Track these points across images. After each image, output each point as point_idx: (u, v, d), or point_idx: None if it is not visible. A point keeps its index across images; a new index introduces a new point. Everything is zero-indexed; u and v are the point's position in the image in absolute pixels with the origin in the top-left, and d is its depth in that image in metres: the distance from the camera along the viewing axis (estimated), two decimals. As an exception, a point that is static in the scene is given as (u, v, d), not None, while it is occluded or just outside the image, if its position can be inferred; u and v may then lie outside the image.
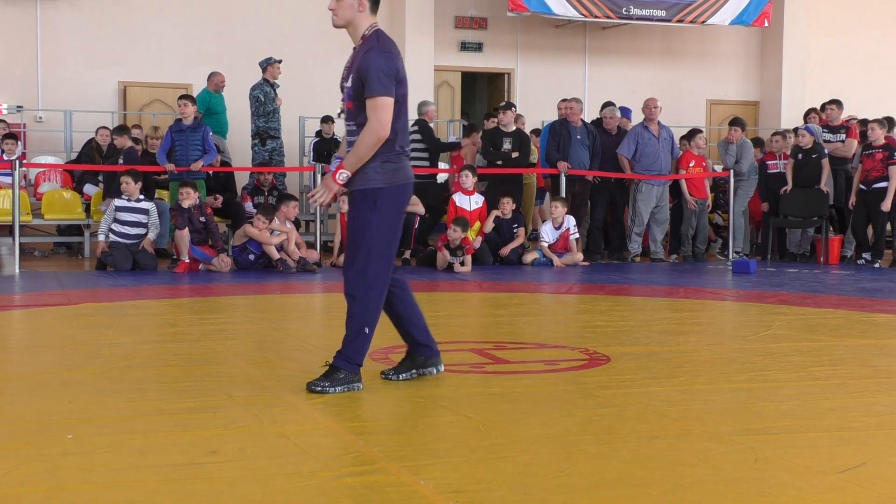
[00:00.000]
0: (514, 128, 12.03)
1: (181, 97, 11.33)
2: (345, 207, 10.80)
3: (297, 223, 11.27)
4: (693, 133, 12.70)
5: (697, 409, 4.10)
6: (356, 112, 4.29)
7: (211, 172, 11.58)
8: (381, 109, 4.21)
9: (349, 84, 4.30)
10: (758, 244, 13.16)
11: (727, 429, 3.71)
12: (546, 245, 11.23)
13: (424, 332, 4.59)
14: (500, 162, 11.81)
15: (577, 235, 11.48)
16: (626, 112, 13.15)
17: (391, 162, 4.30)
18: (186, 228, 10.11)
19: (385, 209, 4.28)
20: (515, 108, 12.74)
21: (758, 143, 13.68)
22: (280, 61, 12.46)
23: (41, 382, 4.57)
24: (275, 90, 12.42)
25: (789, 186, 12.22)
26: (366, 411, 4.00)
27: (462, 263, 10.53)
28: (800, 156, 12.19)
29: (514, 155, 11.80)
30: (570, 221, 11.37)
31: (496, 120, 12.22)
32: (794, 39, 17.14)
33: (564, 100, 12.15)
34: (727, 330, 6.90)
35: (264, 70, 12.39)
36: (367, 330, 4.30)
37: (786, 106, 17.00)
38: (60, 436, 3.50)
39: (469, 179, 11.42)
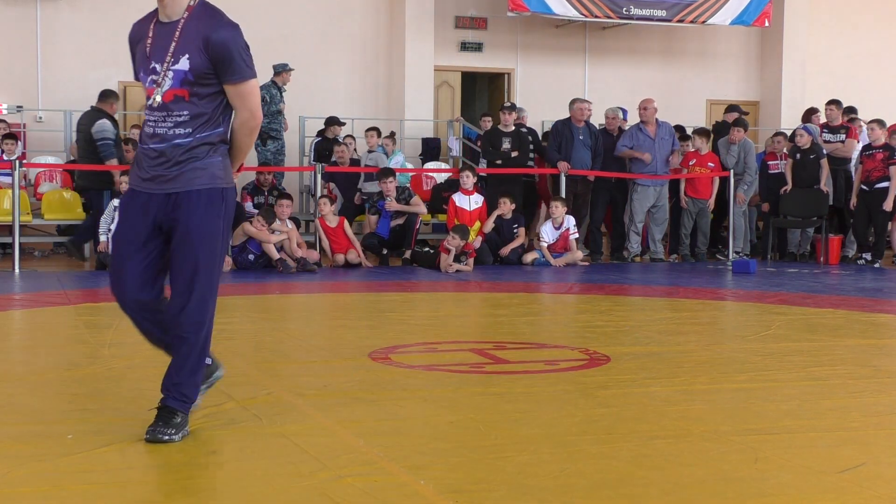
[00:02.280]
0: (514, 128, 12.04)
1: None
2: (325, 210, 10.82)
3: (297, 223, 11.27)
4: (738, 122, 12.68)
5: (697, 409, 4.10)
6: (190, 102, 3.42)
7: None
8: (251, 95, 3.51)
9: (181, 66, 3.39)
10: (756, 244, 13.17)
11: (727, 429, 3.71)
12: (545, 245, 11.22)
13: None
14: (499, 162, 11.82)
15: (577, 235, 11.48)
16: (623, 112, 13.17)
17: (227, 157, 3.62)
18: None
19: (228, 214, 3.60)
20: (517, 108, 12.75)
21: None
22: (293, 70, 12.54)
23: (41, 382, 4.57)
24: (281, 94, 12.51)
25: (789, 187, 12.22)
26: (366, 411, 4.00)
27: (463, 263, 10.54)
28: (798, 155, 12.19)
29: (514, 154, 11.81)
30: (570, 221, 11.37)
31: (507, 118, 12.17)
32: (794, 39, 17.13)
33: (579, 100, 12.16)
34: (727, 330, 6.90)
35: (277, 74, 12.44)
36: (208, 360, 3.73)
37: (786, 106, 16.99)
38: (60, 436, 3.50)
39: (469, 179, 11.44)
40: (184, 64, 3.39)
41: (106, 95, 10.94)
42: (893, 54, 17.92)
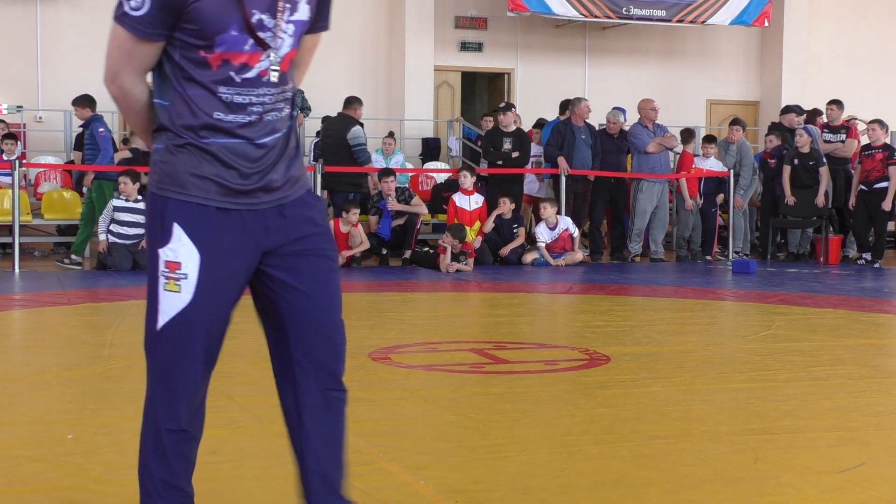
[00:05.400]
0: (515, 128, 12.04)
1: (73, 102, 10.94)
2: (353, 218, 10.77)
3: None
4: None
5: (697, 409, 4.10)
6: (289, 71, 2.28)
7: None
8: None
9: (301, 15, 2.24)
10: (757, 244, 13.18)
11: (727, 429, 3.71)
12: (543, 245, 11.22)
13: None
14: (500, 162, 11.82)
15: (577, 233, 11.46)
16: (622, 112, 13.18)
17: None
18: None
19: None
20: (515, 108, 12.76)
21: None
22: None
23: (41, 382, 4.56)
24: None
25: (789, 198, 12.15)
26: (366, 411, 4.00)
27: (463, 263, 10.55)
28: (796, 161, 12.15)
29: (515, 155, 11.81)
30: (566, 221, 11.37)
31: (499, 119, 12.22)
32: (794, 39, 17.14)
33: (582, 99, 12.19)
34: (727, 330, 6.90)
35: None
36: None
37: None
38: (60, 436, 3.50)
39: (468, 179, 11.44)
40: (303, 11, 2.24)
41: (351, 101, 11.66)
42: (893, 54, 17.91)
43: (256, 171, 2.22)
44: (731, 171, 12.56)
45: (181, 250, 2.19)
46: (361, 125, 11.63)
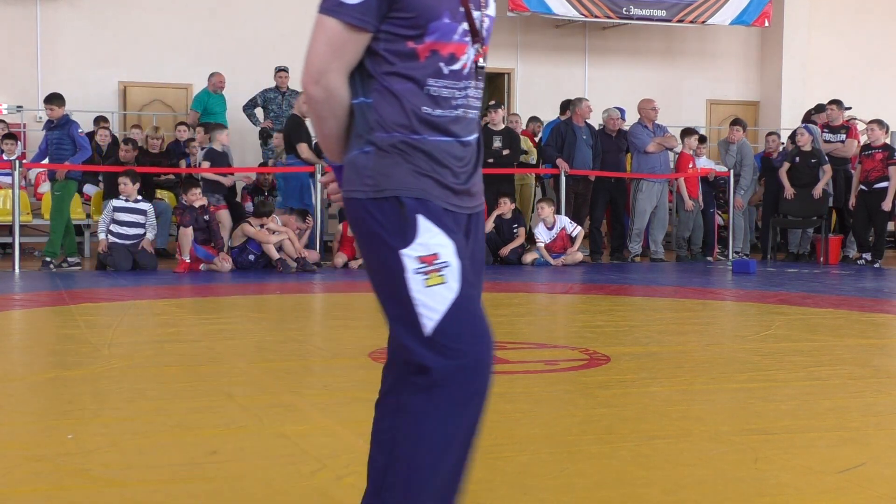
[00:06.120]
0: (504, 126, 12.06)
1: (46, 101, 10.62)
2: None
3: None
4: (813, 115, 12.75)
5: (697, 409, 4.10)
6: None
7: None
8: None
9: (491, 9, 2.21)
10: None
11: (727, 429, 3.71)
12: (542, 245, 11.22)
13: None
14: (491, 160, 11.83)
15: (577, 232, 11.45)
16: (620, 112, 13.18)
17: None
18: (191, 227, 10.12)
19: None
20: (503, 106, 12.78)
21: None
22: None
23: (41, 382, 4.56)
24: (284, 97, 12.72)
25: (789, 192, 12.17)
26: (367, 411, 3.99)
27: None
28: (797, 159, 12.17)
29: (506, 153, 11.83)
30: (564, 220, 11.37)
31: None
32: (794, 39, 17.14)
33: (583, 99, 12.22)
34: (727, 330, 6.90)
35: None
36: None
37: (786, 106, 17.00)
38: (60, 436, 3.50)
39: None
40: (492, 9, 2.21)
41: None
42: (893, 54, 17.91)
43: (463, 171, 2.12)
44: (731, 171, 12.57)
45: (433, 240, 2.01)
46: None
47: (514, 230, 11.42)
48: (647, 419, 3.86)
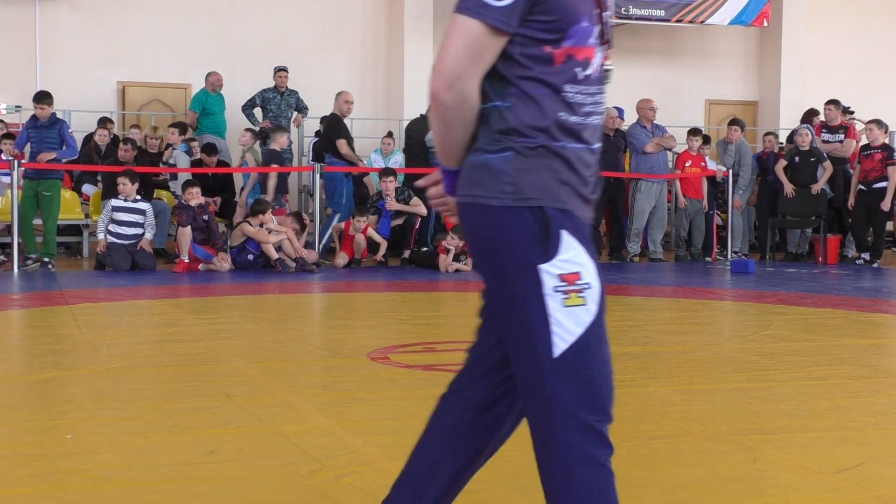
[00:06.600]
0: None
1: (37, 99, 10.56)
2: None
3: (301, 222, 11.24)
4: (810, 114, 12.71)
5: (696, 408, 4.10)
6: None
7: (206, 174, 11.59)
8: None
9: (610, 10, 2.08)
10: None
11: (726, 429, 3.71)
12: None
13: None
14: None
15: None
16: (619, 112, 13.19)
17: None
18: (189, 227, 10.12)
19: None
20: None
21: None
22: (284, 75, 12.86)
23: (40, 382, 4.56)
24: (283, 97, 12.71)
25: (788, 188, 12.18)
26: (366, 411, 4.00)
27: (463, 263, 10.55)
28: (796, 158, 12.18)
29: None
30: None
31: None
32: (793, 39, 17.13)
33: None
34: (726, 330, 6.90)
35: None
36: None
37: (785, 106, 16.99)
38: (59, 436, 3.50)
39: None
40: (611, 11, 2.13)
41: None
42: (893, 54, 17.92)
43: (592, 179, 2.02)
44: (730, 171, 12.57)
45: (577, 259, 1.90)
46: None
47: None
48: (645, 419, 3.86)
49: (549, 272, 1.88)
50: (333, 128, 11.63)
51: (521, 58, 1.93)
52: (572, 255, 1.90)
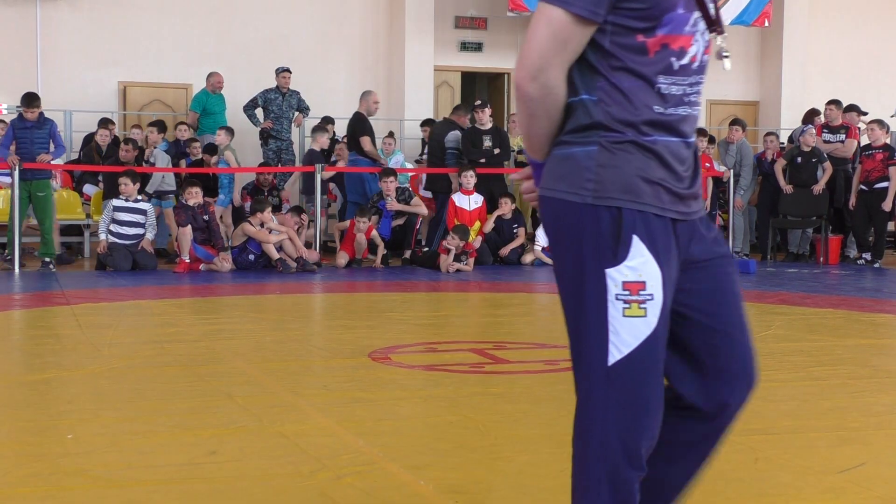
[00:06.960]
0: (492, 125, 12.05)
1: (26, 103, 10.54)
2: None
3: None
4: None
5: (697, 409, 4.09)
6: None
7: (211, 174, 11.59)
8: None
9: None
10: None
11: (727, 429, 3.70)
12: (539, 248, 11.21)
13: None
14: (483, 160, 11.81)
15: None
16: None
17: None
18: (189, 227, 10.12)
19: None
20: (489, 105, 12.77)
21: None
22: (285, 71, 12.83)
23: (41, 382, 4.57)
24: (284, 98, 12.71)
25: (787, 188, 12.19)
26: (366, 411, 4.00)
27: (463, 263, 10.55)
28: (798, 159, 12.17)
29: (496, 152, 11.83)
30: None
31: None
32: (794, 39, 17.13)
33: None
34: (727, 330, 6.89)
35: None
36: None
37: (786, 106, 16.98)
38: (60, 436, 3.50)
39: (470, 180, 11.44)
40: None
41: (457, 108, 12.56)
42: (894, 54, 17.91)
43: (687, 173, 1.94)
44: (731, 171, 12.57)
45: (645, 268, 1.85)
46: (463, 130, 12.02)
47: (515, 230, 11.42)
48: (646, 419, 3.86)
49: (614, 277, 1.85)
50: (359, 126, 11.95)
51: (613, 47, 1.86)
52: (639, 263, 1.85)
